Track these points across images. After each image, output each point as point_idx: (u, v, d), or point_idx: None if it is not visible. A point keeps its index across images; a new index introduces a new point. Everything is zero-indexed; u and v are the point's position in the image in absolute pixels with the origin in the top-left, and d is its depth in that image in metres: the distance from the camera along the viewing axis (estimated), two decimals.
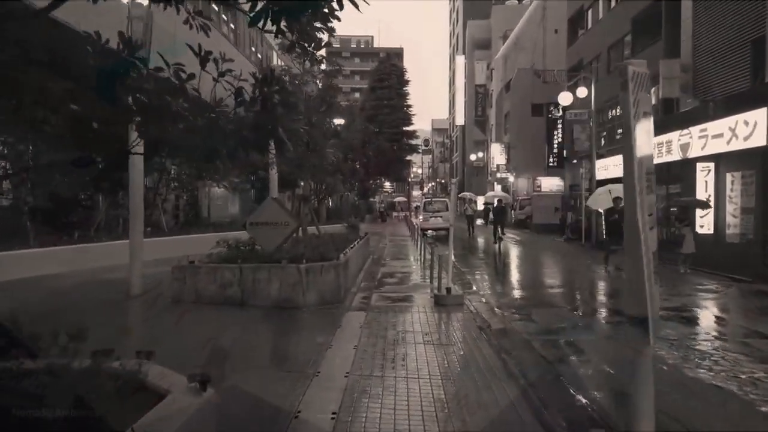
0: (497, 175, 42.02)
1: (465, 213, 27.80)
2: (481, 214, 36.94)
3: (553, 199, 29.31)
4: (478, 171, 54.31)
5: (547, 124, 32.98)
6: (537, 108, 34.35)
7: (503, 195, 33.03)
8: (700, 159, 13.90)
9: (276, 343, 5.98)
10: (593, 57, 26.18)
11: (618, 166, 20.90)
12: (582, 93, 21.65)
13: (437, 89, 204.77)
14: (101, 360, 2.79)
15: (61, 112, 2.09)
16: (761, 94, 12.12)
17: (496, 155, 41.85)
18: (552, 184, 32.29)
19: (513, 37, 41.34)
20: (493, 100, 46.92)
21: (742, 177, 12.70)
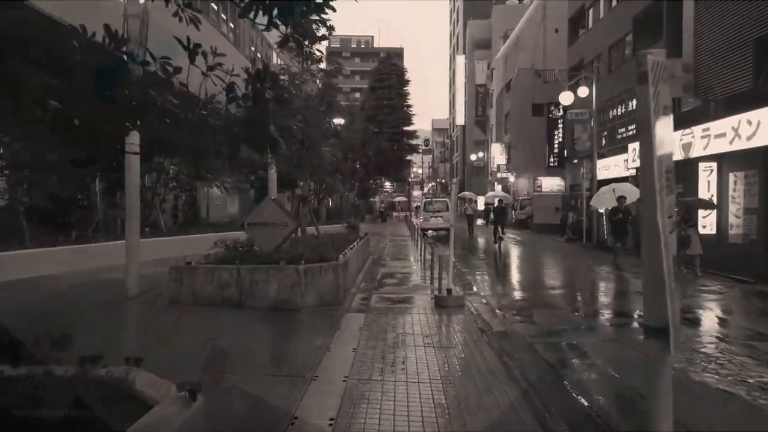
0: (498, 175, 41.91)
1: (465, 213, 27.71)
2: (482, 214, 36.87)
3: (554, 199, 29.23)
4: (478, 171, 54.23)
5: (548, 123, 32.91)
6: (537, 108, 34.29)
7: (504, 195, 32.93)
8: (702, 159, 13.79)
9: (273, 346, 5.87)
10: (594, 56, 26.09)
11: (619, 165, 20.80)
12: (583, 92, 21.56)
13: (437, 89, 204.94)
14: (88, 367, 2.68)
15: (43, 107, 1.99)
16: (765, 93, 12.02)
17: (496, 155, 41.75)
18: (552, 184, 32.21)
19: (513, 37, 41.25)
20: (494, 99, 46.81)
21: (745, 177, 12.60)
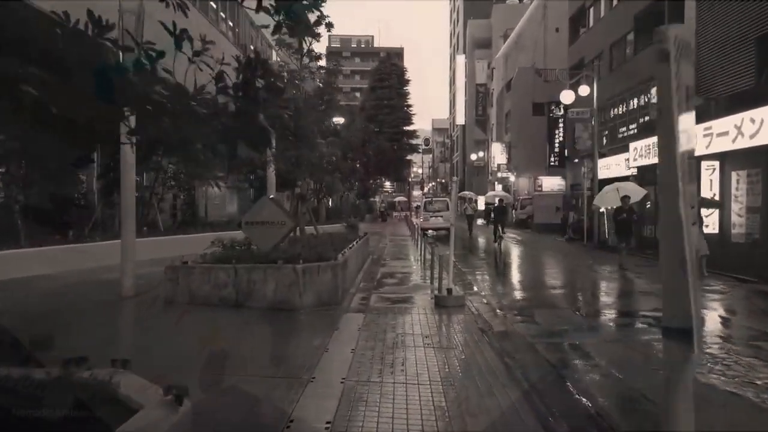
0: (498, 175, 41.80)
1: (465, 213, 27.51)
2: (482, 213, 36.76)
3: (555, 199, 29.11)
4: (478, 171, 54.12)
5: (549, 123, 32.80)
6: (538, 107, 34.18)
7: (504, 195, 32.83)
8: (704, 157, 13.67)
9: (270, 347, 5.76)
10: (595, 55, 25.96)
11: (620, 165, 20.67)
12: (584, 91, 21.43)
13: (438, 89, 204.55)
14: (72, 369, 2.57)
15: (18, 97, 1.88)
16: (767, 91, 11.91)
17: (496, 155, 41.63)
18: (553, 183, 32.11)
19: (514, 36, 41.14)
20: (494, 99, 46.70)
21: (747, 176, 12.49)
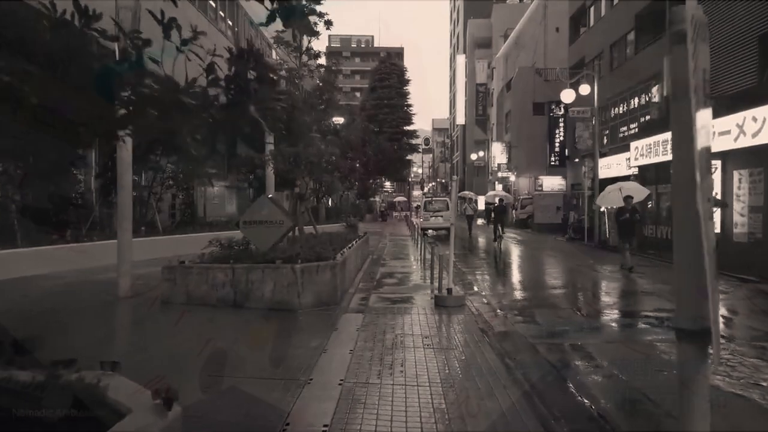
0: (498, 175, 41.68)
1: (465, 213, 27.30)
2: (483, 213, 36.63)
3: (555, 199, 29.02)
4: (478, 170, 54.01)
5: (549, 122, 32.72)
6: (538, 107, 34.09)
7: (504, 194, 32.73)
8: None
9: (268, 348, 5.67)
10: (595, 55, 25.90)
11: (621, 164, 20.59)
12: (585, 90, 21.32)
13: (438, 88, 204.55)
14: (60, 372, 2.49)
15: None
16: None
17: (497, 154, 41.52)
18: (554, 183, 32.02)
19: (514, 36, 41.05)
20: (494, 99, 46.62)
21: (749, 175, 12.39)
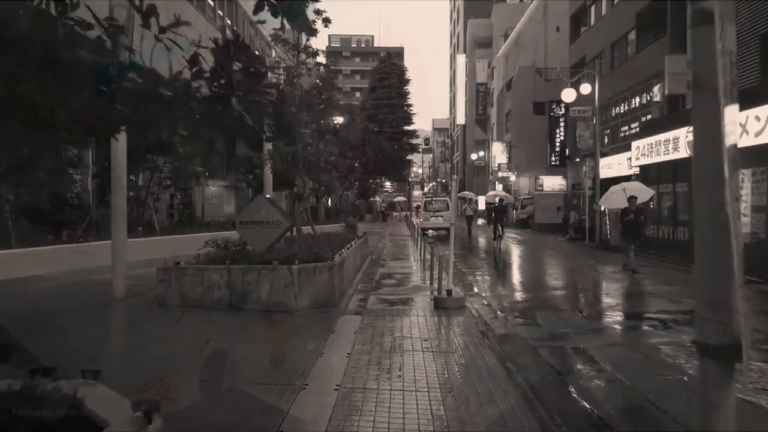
0: (498, 175, 41.55)
1: (465, 213, 27.10)
2: (484, 213, 36.49)
3: (556, 198, 28.88)
4: (479, 170, 53.87)
5: (550, 122, 32.61)
6: (539, 106, 33.97)
7: (504, 194, 32.61)
8: None
9: (263, 351, 5.55)
10: (596, 54, 25.78)
11: (622, 164, 20.46)
12: (585, 90, 21.20)
13: (438, 88, 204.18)
14: (38, 380, 2.37)
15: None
16: None
17: (497, 154, 41.38)
18: (554, 183, 31.90)
19: (514, 36, 40.92)
20: (495, 98, 46.48)
21: (752, 174, 12.26)
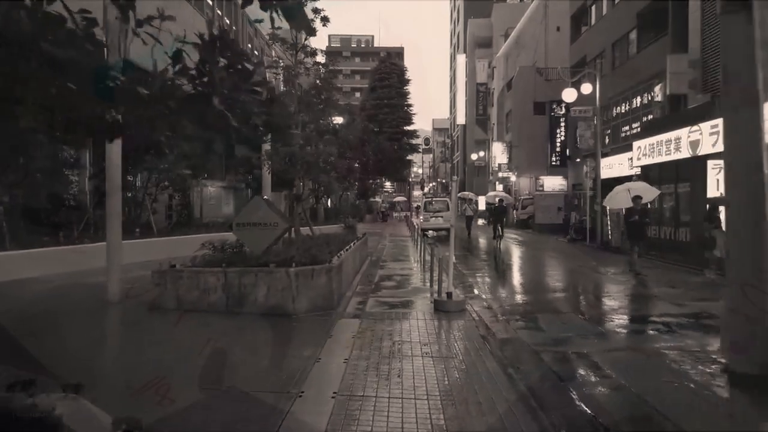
0: (499, 175, 41.42)
1: (465, 214, 26.94)
2: (485, 214, 36.35)
3: (556, 199, 28.76)
4: (479, 170, 53.75)
5: (550, 122, 32.50)
6: (539, 106, 33.85)
7: (504, 195, 32.49)
8: (711, 156, 13.34)
9: (258, 357, 5.43)
10: (597, 54, 25.67)
11: (623, 164, 20.33)
12: (586, 89, 21.09)
13: (438, 89, 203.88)
14: (17, 394, 2.25)
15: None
16: None
17: (497, 154, 41.25)
18: (555, 183, 31.77)
19: (514, 35, 40.79)
20: (495, 98, 46.36)
21: None
